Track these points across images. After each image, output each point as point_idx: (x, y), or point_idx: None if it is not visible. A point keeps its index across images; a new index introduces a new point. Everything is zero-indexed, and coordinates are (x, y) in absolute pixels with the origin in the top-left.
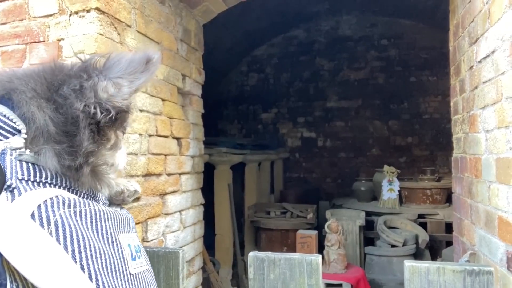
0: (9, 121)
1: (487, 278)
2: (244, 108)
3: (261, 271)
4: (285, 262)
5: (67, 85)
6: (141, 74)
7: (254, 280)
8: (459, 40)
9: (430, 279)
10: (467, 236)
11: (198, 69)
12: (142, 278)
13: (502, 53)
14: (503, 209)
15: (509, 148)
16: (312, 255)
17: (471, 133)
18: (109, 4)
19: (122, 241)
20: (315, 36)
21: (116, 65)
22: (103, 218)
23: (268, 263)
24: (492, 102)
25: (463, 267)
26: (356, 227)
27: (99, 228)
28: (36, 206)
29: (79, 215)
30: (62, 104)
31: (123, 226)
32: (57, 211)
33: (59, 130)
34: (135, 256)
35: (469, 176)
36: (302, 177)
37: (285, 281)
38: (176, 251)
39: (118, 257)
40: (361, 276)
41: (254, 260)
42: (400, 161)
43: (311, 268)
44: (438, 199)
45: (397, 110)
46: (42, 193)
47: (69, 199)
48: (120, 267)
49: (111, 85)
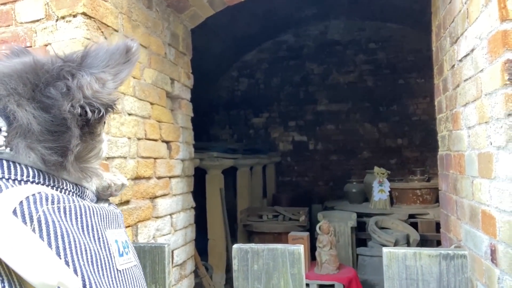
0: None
1: (462, 262)
2: (235, 113)
3: (245, 262)
4: (268, 253)
5: (53, 87)
6: (123, 66)
7: (239, 271)
8: (441, 40)
9: (407, 264)
10: (454, 231)
11: (187, 73)
12: (130, 274)
13: (480, 51)
14: (486, 203)
15: (490, 143)
16: (294, 245)
17: (455, 130)
18: (95, 9)
19: (109, 237)
20: (304, 41)
21: (96, 59)
22: (88, 214)
23: (252, 254)
24: (473, 99)
25: (439, 252)
26: (348, 228)
27: (84, 224)
28: (18, 203)
29: (63, 211)
30: (50, 105)
31: (110, 221)
32: (40, 207)
33: (44, 129)
34: (123, 252)
35: (454, 172)
36: (294, 180)
37: (268, 271)
38: (161, 245)
39: (105, 253)
40: (353, 276)
41: (238, 251)
42: (390, 162)
43: (293, 258)
44: (428, 199)
45: (387, 113)
46: (23, 190)
47: (52, 196)
48: (106, 263)
49: (94, 81)
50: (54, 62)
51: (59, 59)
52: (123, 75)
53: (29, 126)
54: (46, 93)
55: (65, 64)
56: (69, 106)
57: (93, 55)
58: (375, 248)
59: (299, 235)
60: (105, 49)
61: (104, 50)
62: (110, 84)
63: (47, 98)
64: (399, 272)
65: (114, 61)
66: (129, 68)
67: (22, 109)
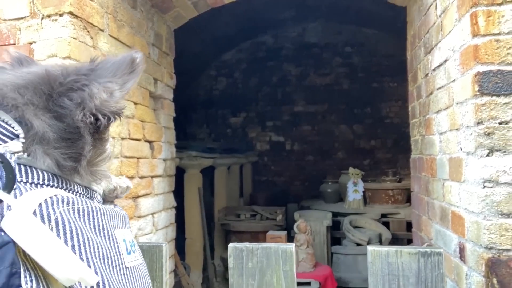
0: (7, 126)
1: (438, 259)
2: (213, 112)
3: (240, 260)
4: (262, 251)
5: (66, 97)
6: (129, 76)
7: (234, 269)
8: (415, 49)
9: (389, 261)
10: (425, 231)
11: (170, 73)
12: (137, 271)
13: (453, 62)
14: (456, 204)
15: (460, 149)
16: (287, 244)
17: (427, 135)
18: (82, 8)
19: (118, 236)
20: (282, 42)
21: (104, 71)
22: (99, 214)
23: (247, 253)
24: (445, 107)
25: (417, 250)
26: (324, 227)
27: (96, 224)
28: (38, 205)
29: (77, 212)
30: (64, 114)
31: (118, 222)
32: (57, 209)
33: (58, 136)
34: (130, 251)
35: (426, 175)
36: (270, 180)
37: (262, 269)
38: (160, 245)
39: (114, 251)
40: (329, 274)
41: (234, 250)
42: (364, 163)
43: (285, 256)
44: (399, 199)
45: (361, 115)
46: (42, 193)
47: (67, 198)
48: (116, 261)
49: (103, 90)
50: (65, 75)
51: (71, 71)
52: (129, 85)
53: (45, 134)
54: (60, 103)
55: (78, 77)
56: (81, 115)
57: (101, 66)
58: (349, 246)
59: (277, 234)
60: (112, 61)
61: (111, 62)
62: (117, 93)
63: (61, 108)
64: (382, 268)
65: (121, 71)
66: (134, 78)
67: (38, 118)
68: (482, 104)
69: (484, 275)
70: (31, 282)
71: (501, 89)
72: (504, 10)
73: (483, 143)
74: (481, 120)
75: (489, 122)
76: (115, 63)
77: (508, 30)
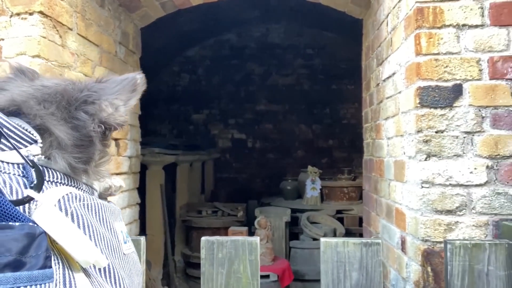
0: (27, 132)
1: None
2: (175, 109)
3: (211, 251)
4: (231, 243)
5: (83, 111)
6: (131, 94)
7: (206, 259)
8: (369, 60)
9: (338, 250)
10: (373, 226)
11: (136, 71)
12: (131, 258)
13: (400, 76)
14: (399, 202)
15: (403, 153)
16: (252, 237)
17: (377, 139)
18: (52, 7)
19: (117, 228)
20: (246, 41)
21: (111, 89)
22: (103, 209)
23: (217, 245)
24: (392, 115)
25: (360, 240)
26: (283, 223)
27: (100, 218)
28: (57, 200)
29: (87, 207)
30: (80, 126)
31: (116, 216)
32: (72, 204)
33: (73, 143)
34: (126, 240)
35: (375, 175)
36: (232, 177)
37: (231, 258)
38: (138, 238)
39: (115, 240)
40: (286, 267)
41: (206, 242)
42: (322, 162)
43: (251, 247)
44: (353, 196)
45: (320, 115)
46: (60, 190)
47: (79, 195)
48: (117, 249)
49: (110, 106)
50: (77, 90)
51: (82, 87)
52: (132, 102)
53: (63, 141)
54: (76, 116)
55: (89, 93)
56: (93, 126)
57: (107, 85)
58: (306, 241)
59: (238, 229)
60: (117, 81)
61: (116, 81)
62: (122, 109)
63: (77, 120)
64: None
65: (125, 90)
66: (136, 97)
67: (58, 128)
68: (422, 115)
69: (421, 264)
70: (57, 264)
71: (438, 102)
72: (443, 33)
73: (422, 149)
74: (420, 129)
75: (427, 131)
76: (120, 83)
77: (445, 50)
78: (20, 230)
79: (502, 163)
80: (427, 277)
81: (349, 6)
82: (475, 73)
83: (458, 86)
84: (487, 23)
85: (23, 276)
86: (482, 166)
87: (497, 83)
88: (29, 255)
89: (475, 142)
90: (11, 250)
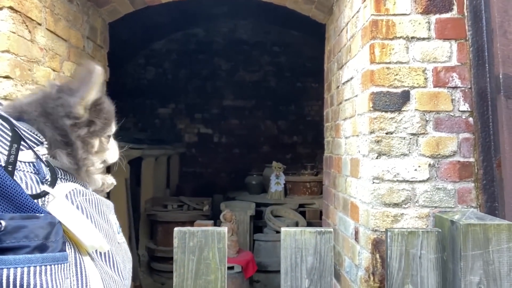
0: (34, 135)
1: (329, 236)
2: (140, 102)
3: (183, 241)
4: (201, 233)
5: (56, 110)
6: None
7: (178, 247)
8: (330, 63)
9: (296, 238)
10: (331, 218)
11: (104, 66)
12: (124, 246)
13: (356, 81)
14: (354, 196)
15: (358, 151)
16: (221, 227)
17: (336, 138)
18: (21, 3)
19: (111, 220)
20: (214, 36)
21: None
22: (100, 203)
23: (189, 234)
24: (349, 116)
25: (315, 229)
26: (247, 217)
27: (99, 210)
28: (65, 195)
29: (88, 201)
30: (58, 123)
31: (110, 209)
32: (77, 198)
33: (62, 141)
34: (119, 231)
35: (334, 171)
36: (197, 171)
37: (201, 247)
38: None
39: (111, 230)
40: (250, 259)
41: (178, 232)
42: (286, 157)
43: (220, 236)
44: (315, 190)
45: (285, 112)
46: (67, 186)
47: (82, 190)
48: (113, 238)
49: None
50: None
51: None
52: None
53: (55, 138)
54: (54, 114)
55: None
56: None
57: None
58: (270, 234)
59: (204, 223)
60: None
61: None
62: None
63: (53, 117)
64: (290, 243)
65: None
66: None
67: (46, 127)
68: (374, 117)
69: (371, 252)
70: (70, 248)
71: (389, 106)
72: (394, 44)
73: (373, 148)
74: (373, 130)
75: (379, 132)
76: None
77: (396, 60)
78: (44, 219)
79: (442, 162)
80: (376, 263)
81: (313, 11)
82: (421, 81)
83: (406, 92)
84: (433, 36)
85: (48, 257)
86: (425, 164)
87: (440, 91)
88: (51, 240)
89: (420, 143)
90: (38, 236)
